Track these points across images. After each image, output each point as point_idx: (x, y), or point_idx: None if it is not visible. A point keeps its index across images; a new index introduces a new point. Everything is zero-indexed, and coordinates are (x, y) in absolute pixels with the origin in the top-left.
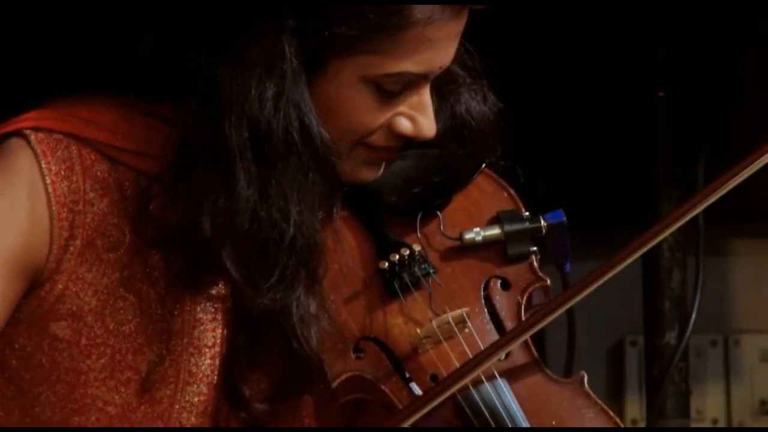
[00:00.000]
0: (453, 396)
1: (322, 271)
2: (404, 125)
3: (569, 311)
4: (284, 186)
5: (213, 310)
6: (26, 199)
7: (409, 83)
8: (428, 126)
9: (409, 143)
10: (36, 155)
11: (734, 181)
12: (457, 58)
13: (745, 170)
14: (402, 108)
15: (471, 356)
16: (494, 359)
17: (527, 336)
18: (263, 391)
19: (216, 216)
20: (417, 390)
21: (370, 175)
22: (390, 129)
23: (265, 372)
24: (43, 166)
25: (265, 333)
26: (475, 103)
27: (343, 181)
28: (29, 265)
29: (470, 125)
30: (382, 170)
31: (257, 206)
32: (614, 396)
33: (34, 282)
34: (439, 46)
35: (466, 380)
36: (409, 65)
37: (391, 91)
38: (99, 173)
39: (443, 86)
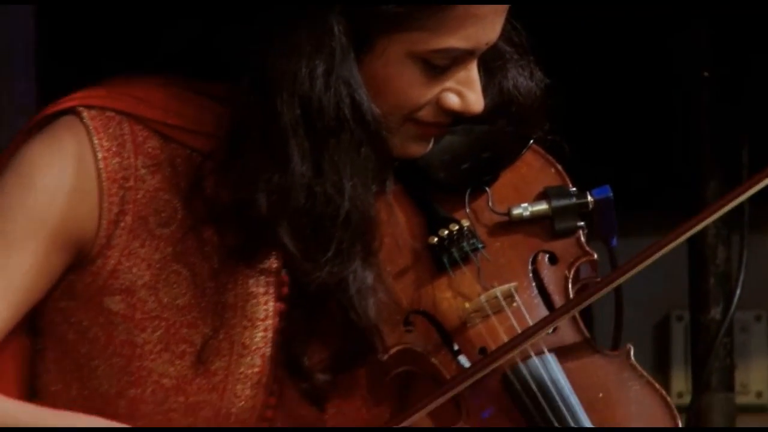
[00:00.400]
0: (501, 369)
1: (378, 244)
2: (452, 100)
3: (617, 287)
4: (337, 161)
5: (265, 283)
6: (73, 173)
7: (456, 59)
8: (476, 101)
9: (458, 119)
10: (88, 131)
11: None
12: (504, 35)
13: None
14: (450, 83)
15: (519, 330)
16: (542, 334)
17: (575, 312)
18: (323, 362)
19: (271, 192)
20: (466, 363)
21: (419, 150)
22: (438, 104)
23: (323, 343)
24: (95, 142)
25: (322, 306)
26: (522, 79)
27: (393, 156)
28: (74, 238)
29: (518, 100)
30: (431, 146)
31: (312, 182)
32: (660, 370)
33: (83, 255)
34: (484, 22)
35: (514, 353)
36: (456, 41)
37: (439, 66)
38: (151, 150)
39: (490, 62)
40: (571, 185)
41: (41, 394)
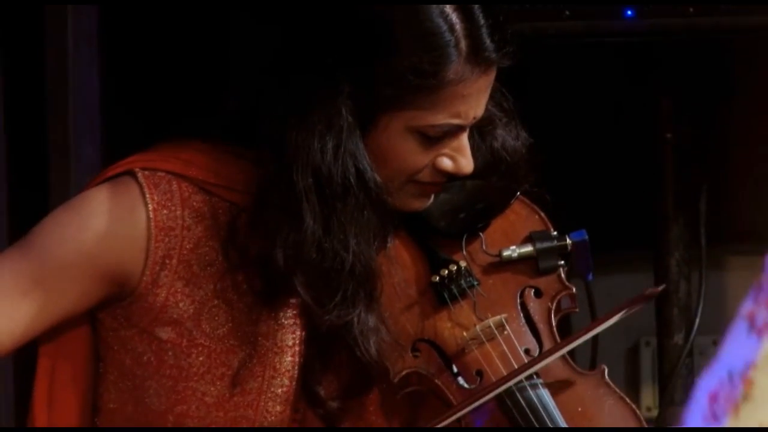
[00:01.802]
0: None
1: (378, 292)
2: (446, 164)
3: (591, 315)
4: (344, 222)
5: (292, 315)
6: (126, 221)
7: (448, 132)
8: (467, 164)
9: (452, 177)
10: (141, 188)
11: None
12: (494, 100)
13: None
14: (444, 150)
15: (509, 354)
16: (536, 369)
17: (564, 352)
18: (335, 390)
19: (287, 248)
20: (464, 383)
21: (420, 205)
22: (434, 167)
23: (336, 375)
24: (147, 197)
25: (333, 344)
26: (510, 140)
27: (398, 211)
28: (116, 275)
29: (506, 159)
30: (430, 201)
31: (321, 239)
32: (632, 388)
33: (128, 290)
34: (471, 99)
35: (509, 385)
36: (447, 117)
37: (434, 137)
38: (195, 204)
39: (482, 126)
40: (552, 230)
41: (102, 411)
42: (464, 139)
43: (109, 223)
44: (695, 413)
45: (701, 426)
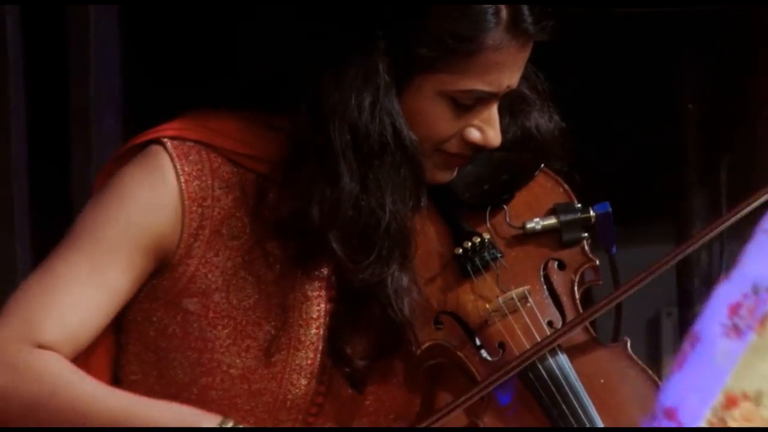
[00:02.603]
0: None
1: (413, 251)
2: (475, 135)
3: (615, 285)
4: (380, 180)
5: (318, 288)
6: (162, 192)
7: (480, 99)
8: (495, 137)
9: (478, 149)
10: (172, 159)
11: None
12: (530, 82)
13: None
14: (473, 120)
15: (532, 326)
16: (560, 341)
17: (587, 323)
18: (363, 351)
19: (324, 204)
20: (487, 356)
21: (445, 177)
22: (462, 138)
23: (364, 335)
24: (178, 167)
25: (364, 304)
26: (543, 121)
27: (427, 181)
28: (159, 247)
29: (537, 138)
30: (455, 173)
31: (358, 196)
32: (653, 359)
33: (164, 263)
34: (506, 68)
35: (533, 359)
36: (480, 84)
37: (464, 104)
38: (225, 174)
39: (516, 106)
40: (576, 202)
41: (123, 383)
42: (494, 110)
43: (146, 194)
44: (713, 322)
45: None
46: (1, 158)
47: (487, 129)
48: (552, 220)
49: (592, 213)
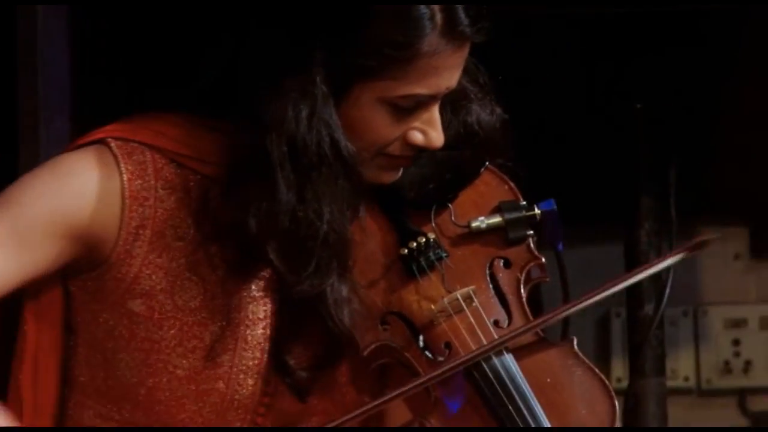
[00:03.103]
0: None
1: (352, 262)
2: (417, 137)
3: (565, 290)
4: (318, 191)
5: (263, 288)
6: (101, 187)
7: (420, 102)
8: (437, 137)
9: (422, 151)
10: (115, 157)
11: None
12: (470, 75)
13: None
14: (415, 123)
15: (477, 327)
16: (504, 345)
17: (538, 329)
18: (305, 361)
19: (261, 216)
20: (433, 356)
21: (390, 177)
22: (405, 140)
23: (306, 346)
24: (121, 166)
25: (305, 314)
26: (484, 115)
27: (368, 183)
28: (89, 237)
29: (479, 133)
30: (399, 174)
31: (296, 208)
32: (603, 359)
33: (100, 257)
34: (444, 71)
35: (476, 358)
36: (419, 88)
37: (405, 108)
38: (168, 175)
39: (456, 101)
40: (522, 200)
41: (72, 384)
42: (435, 112)
43: (84, 185)
44: None
45: None
46: None
47: (429, 130)
48: (497, 219)
49: (537, 210)
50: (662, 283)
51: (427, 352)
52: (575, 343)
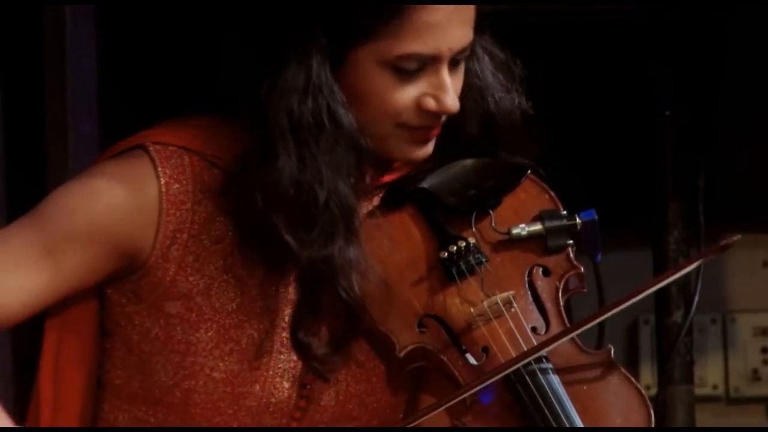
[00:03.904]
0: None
1: (357, 226)
2: (429, 103)
3: (601, 299)
4: (318, 158)
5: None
6: (138, 194)
7: (424, 64)
8: (450, 101)
9: (438, 118)
10: (153, 162)
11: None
12: (496, 64)
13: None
14: (425, 89)
15: (516, 332)
16: (545, 352)
17: (574, 335)
18: (324, 338)
19: (265, 189)
20: (471, 360)
21: (421, 152)
22: (419, 108)
23: (325, 325)
24: (159, 170)
25: (324, 293)
26: (507, 105)
27: (403, 161)
28: (127, 247)
29: (500, 123)
30: (430, 149)
31: (297, 176)
32: (631, 366)
33: (136, 263)
34: (440, 28)
35: (517, 367)
36: (417, 46)
37: (408, 70)
38: (206, 178)
39: (478, 89)
40: (562, 209)
41: (107, 387)
42: (444, 75)
43: (120, 195)
44: None
45: None
46: None
47: (440, 95)
48: (538, 227)
49: (578, 220)
50: (691, 290)
51: (466, 356)
52: (612, 352)
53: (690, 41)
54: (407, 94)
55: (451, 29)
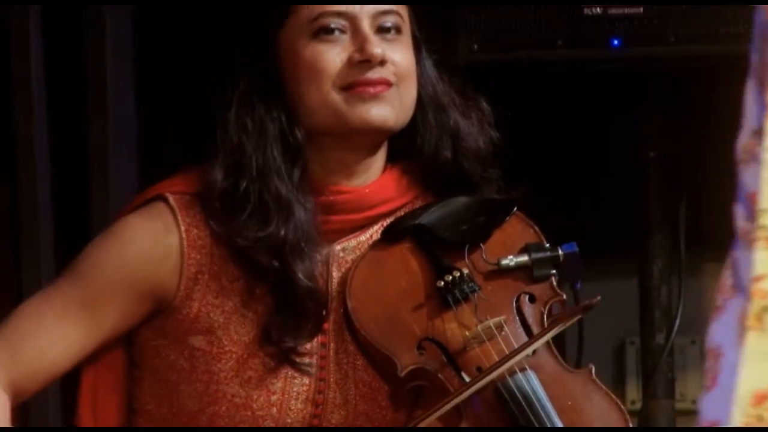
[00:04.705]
0: (493, 383)
1: (297, 217)
2: (355, 55)
3: (579, 321)
4: (245, 155)
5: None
6: (162, 242)
7: (345, 27)
8: (371, 48)
9: (368, 68)
10: (173, 211)
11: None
12: (452, 85)
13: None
14: (351, 47)
15: (507, 352)
16: (524, 355)
17: (548, 338)
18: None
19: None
20: (467, 379)
21: (375, 113)
22: (350, 65)
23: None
24: (179, 219)
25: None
26: (465, 124)
27: (361, 128)
28: (155, 294)
29: (460, 140)
30: (385, 111)
31: (226, 170)
32: (618, 383)
33: (163, 305)
34: None
35: (503, 369)
36: (324, 6)
37: (329, 32)
38: None
39: (438, 105)
40: (545, 242)
41: (139, 412)
42: (364, 30)
43: (146, 246)
44: (728, 334)
45: None
46: (28, 199)
47: (364, 45)
48: (524, 258)
49: (560, 252)
50: (672, 314)
51: (462, 375)
52: (593, 370)
53: (673, 86)
54: (336, 55)
55: None
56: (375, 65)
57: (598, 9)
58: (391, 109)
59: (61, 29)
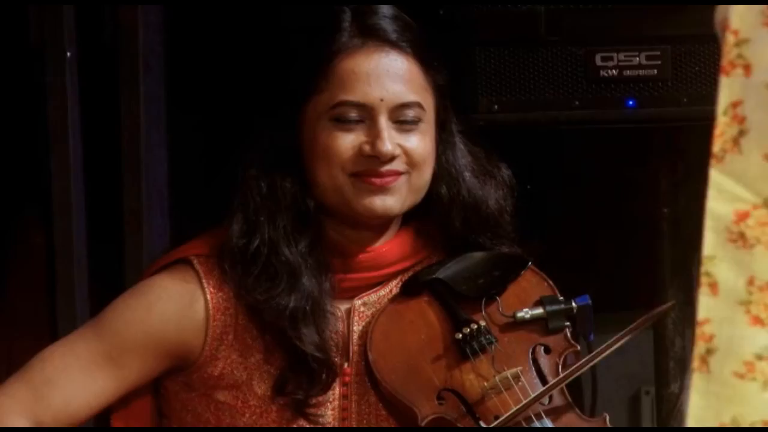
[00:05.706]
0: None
1: (303, 281)
2: (365, 147)
3: (593, 368)
4: (259, 219)
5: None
6: (187, 306)
7: (363, 115)
8: (382, 145)
9: (379, 163)
10: (198, 274)
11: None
12: (470, 153)
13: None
14: (364, 137)
15: (523, 402)
16: (539, 400)
17: (562, 385)
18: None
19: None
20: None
21: (378, 204)
22: (360, 154)
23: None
24: (203, 282)
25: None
26: (476, 190)
27: (365, 215)
28: (178, 353)
29: (474, 208)
30: (390, 202)
31: (242, 231)
32: None
33: (187, 363)
34: (368, 78)
35: (520, 417)
36: (344, 95)
37: (346, 120)
38: None
39: (450, 174)
40: (559, 295)
41: None
42: (379, 123)
43: (171, 309)
44: None
45: None
46: (65, 252)
47: (375, 141)
48: (539, 310)
49: (574, 305)
50: (686, 364)
51: (478, 423)
52: (607, 419)
53: (686, 147)
54: (349, 142)
55: (382, 80)
56: (385, 161)
57: (614, 71)
58: (397, 198)
59: (96, 88)
